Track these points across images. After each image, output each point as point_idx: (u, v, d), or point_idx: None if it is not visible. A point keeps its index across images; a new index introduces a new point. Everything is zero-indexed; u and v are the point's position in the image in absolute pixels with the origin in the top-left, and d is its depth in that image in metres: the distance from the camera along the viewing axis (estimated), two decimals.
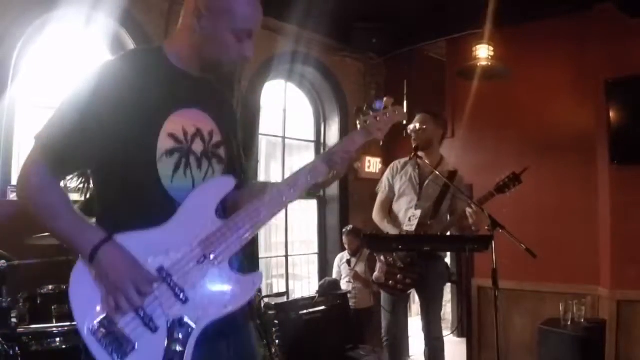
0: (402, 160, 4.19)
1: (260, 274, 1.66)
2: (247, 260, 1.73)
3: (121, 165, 1.57)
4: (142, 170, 1.58)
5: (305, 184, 1.74)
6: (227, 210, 1.69)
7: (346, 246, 6.01)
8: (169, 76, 1.66)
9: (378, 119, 1.90)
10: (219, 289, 1.57)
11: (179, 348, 1.48)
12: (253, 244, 1.53)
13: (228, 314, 1.56)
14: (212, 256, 1.56)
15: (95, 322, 1.45)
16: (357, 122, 1.91)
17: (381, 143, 2.00)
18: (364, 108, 1.92)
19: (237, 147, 1.84)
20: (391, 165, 4.27)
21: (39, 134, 1.55)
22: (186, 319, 1.50)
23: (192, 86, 1.69)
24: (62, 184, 1.69)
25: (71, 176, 1.73)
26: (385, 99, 1.95)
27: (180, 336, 1.49)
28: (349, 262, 5.94)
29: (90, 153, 1.56)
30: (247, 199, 1.69)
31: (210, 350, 1.57)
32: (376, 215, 4.15)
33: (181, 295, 1.51)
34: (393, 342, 4.01)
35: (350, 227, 6.09)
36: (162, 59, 1.67)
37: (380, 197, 4.20)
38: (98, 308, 1.47)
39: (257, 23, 1.71)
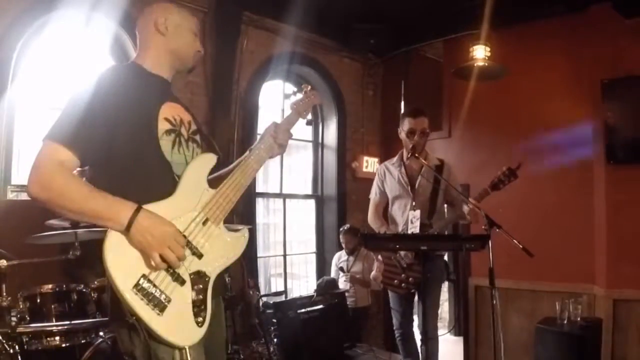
0: (388, 164, 4.19)
1: (246, 228, 2.01)
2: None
3: (128, 150, 1.82)
4: (148, 149, 1.86)
5: (265, 157, 2.13)
6: (210, 183, 1.96)
7: (343, 245, 6.03)
8: (151, 79, 2.00)
9: (302, 102, 2.39)
10: (222, 243, 1.91)
11: (201, 296, 1.80)
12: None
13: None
14: (212, 219, 1.88)
15: (136, 282, 1.66)
16: (289, 106, 2.38)
17: (308, 119, 2.48)
18: (293, 94, 2.47)
19: (208, 135, 2.21)
20: (377, 170, 4.29)
21: (50, 132, 1.75)
22: (203, 271, 1.83)
23: (167, 86, 2.07)
24: None
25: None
26: (303, 85, 2.45)
27: (201, 286, 1.81)
28: (342, 269, 5.96)
29: (102, 145, 1.77)
30: (225, 174, 2.04)
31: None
32: (373, 221, 4.15)
33: (197, 252, 1.82)
34: (405, 338, 4.05)
35: (347, 226, 6.11)
36: (140, 69, 2.00)
37: (373, 203, 4.20)
38: (136, 269, 1.69)
39: (197, 25, 2.18)
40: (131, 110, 1.82)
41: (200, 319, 1.77)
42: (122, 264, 1.66)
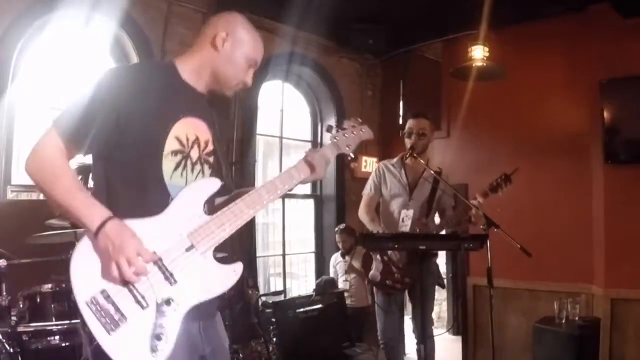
0: (388, 163, 4.21)
1: (240, 264, 1.83)
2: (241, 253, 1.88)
3: (128, 158, 1.76)
4: (148, 164, 1.78)
5: (282, 189, 1.95)
6: (210, 211, 1.85)
7: (339, 244, 6.05)
8: (179, 88, 1.90)
9: (346, 135, 2.14)
10: (204, 275, 1.76)
11: (165, 325, 1.65)
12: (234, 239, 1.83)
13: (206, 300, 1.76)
14: (198, 246, 1.75)
15: (93, 294, 1.61)
16: (329, 138, 2.13)
17: (350, 157, 2.17)
18: (334, 126, 2.15)
19: (223, 158, 2.06)
20: (377, 167, 4.30)
21: (57, 119, 1.73)
22: (174, 299, 1.68)
23: (196, 99, 1.95)
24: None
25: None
26: (352, 119, 2.18)
27: (167, 314, 1.66)
28: (343, 255, 5.98)
29: (101, 139, 1.72)
30: (230, 201, 1.88)
31: (184, 330, 1.71)
32: (363, 215, 4.15)
33: (170, 278, 1.69)
34: (390, 344, 4.02)
35: (342, 225, 6.13)
36: (174, 74, 1.91)
37: (365, 198, 4.21)
38: (97, 281, 1.62)
39: (261, 57, 2.05)
40: (143, 117, 1.75)
41: (157, 350, 1.63)
42: (84, 274, 1.63)
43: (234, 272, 1.81)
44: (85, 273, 1.63)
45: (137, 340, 1.62)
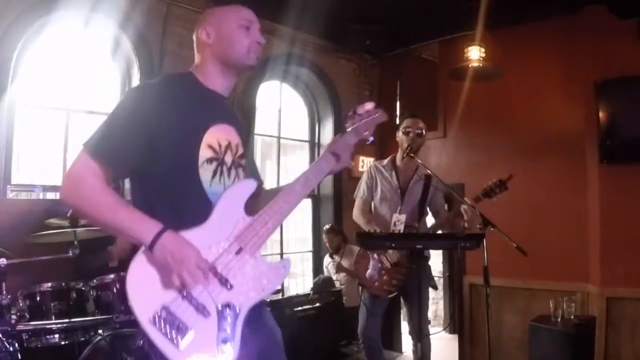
0: (379, 165, 4.22)
1: (288, 260, 1.92)
2: None
3: (164, 173, 1.78)
4: (186, 176, 1.81)
5: (314, 182, 2.00)
6: (249, 212, 1.86)
7: (327, 245, 6.07)
8: (204, 96, 1.93)
9: (363, 121, 2.16)
10: (257, 275, 1.80)
11: (229, 330, 1.69)
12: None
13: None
14: (246, 248, 1.79)
15: (155, 311, 1.60)
16: (346, 126, 2.15)
17: (371, 140, 2.22)
18: (351, 113, 2.17)
19: (252, 157, 2.09)
20: (367, 170, 4.29)
21: (87, 141, 1.73)
22: (233, 304, 1.72)
23: (221, 104, 1.98)
24: None
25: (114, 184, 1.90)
26: (366, 103, 2.19)
27: (229, 319, 1.70)
28: (331, 255, 6.01)
29: (136, 158, 1.74)
30: (265, 199, 1.92)
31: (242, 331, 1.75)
32: (359, 218, 4.14)
33: (226, 284, 1.73)
34: (370, 344, 4.01)
35: (328, 226, 6.17)
36: (195, 82, 1.93)
37: (359, 202, 4.20)
38: (156, 298, 1.63)
39: (251, 15, 2.02)
40: (174, 130, 1.77)
41: (224, 354, 1.67)
42: (143, 293, 1.63)
43: (283, 268, 1.88)
44: (143, 292, 1.63)
45: (205, 349, 1.65)
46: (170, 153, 1.76)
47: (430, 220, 4.18)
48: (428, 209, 4.09)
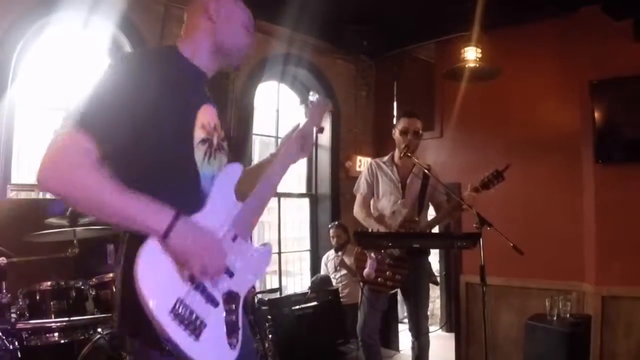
0: (379, 161, 4.25)
1: (269, 245, 1.92)
2: None
3: (157, 152, 1.58)
4: (181, 156, 1.65)
5: (287, 166, 2.04)
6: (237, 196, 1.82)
7: (333, 240, 6.08)
8: (193, 74, 1.79)
9: (314, 110, 2.19)
10: (251, 260, 1.80)
11: (233, 317, 1.67)
12: None
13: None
14: (241, 234, 1.75)
15: (172, 304, 1.47)
16: (304, 114, 2.23)
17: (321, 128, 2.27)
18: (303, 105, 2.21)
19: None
20: (367, 166, 4.33)
21: (72, 115, 1.48)
22: (234, 290, 1.70)
23: (205, 83, 1.85)
24: None
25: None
26: (310, 92, 2.28)
27: (233, 306, 1.68)
28: (337, 249, 6.02)
29: (125, 134, 1.51)
30: (246, 181, 1.87)
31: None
32: (359, 212, 4.17)
33: (229, 271, 1.68)
34: (368, 342, 4.03)
35: (336, 222, 6.18)
36: (182, 58, 1.77)
37: (359, 197, 4.23)
38: (172, 291, 1.50)
39: (253, 24, 1.98)
40: (169, 106, 1.59)
41: (233, 341, 1.64)
42: (157, 288, 1.46)
43: (268, 252, 1.90)
44: (158, 286, 1.47)
45: (218, 339, 1.60)
46: (163, 133, 1.58)
47: (431, 215, 4.22)
48: (430, 203, 4.13)
